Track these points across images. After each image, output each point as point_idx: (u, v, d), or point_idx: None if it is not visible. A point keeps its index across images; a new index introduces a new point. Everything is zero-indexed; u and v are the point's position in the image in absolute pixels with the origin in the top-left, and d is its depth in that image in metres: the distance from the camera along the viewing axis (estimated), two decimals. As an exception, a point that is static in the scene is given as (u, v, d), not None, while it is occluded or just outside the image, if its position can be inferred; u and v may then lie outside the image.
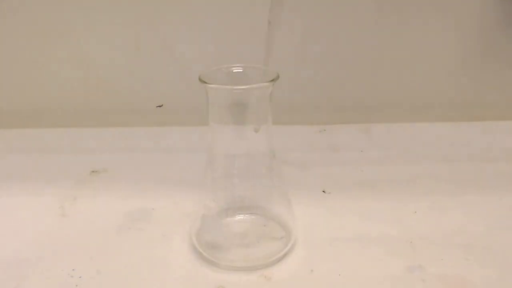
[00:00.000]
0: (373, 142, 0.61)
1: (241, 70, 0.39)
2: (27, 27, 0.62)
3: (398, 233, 0.43)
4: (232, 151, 0.39)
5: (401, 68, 0.62)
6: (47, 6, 0.60)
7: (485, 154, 0.57)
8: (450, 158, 0.56)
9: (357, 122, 0.63)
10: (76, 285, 0.37)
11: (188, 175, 0.51)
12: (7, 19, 0.62)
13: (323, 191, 0.50)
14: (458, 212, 0.46)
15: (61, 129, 0.66)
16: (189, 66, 0.61)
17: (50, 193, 0.51)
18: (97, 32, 0.62)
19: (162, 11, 0.60)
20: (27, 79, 0.65)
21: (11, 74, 0.65)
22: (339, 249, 0.41)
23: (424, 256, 0.39)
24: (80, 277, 0.38)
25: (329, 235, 0.43)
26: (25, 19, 0.61)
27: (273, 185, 0.41)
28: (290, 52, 0.60)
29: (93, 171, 0.55)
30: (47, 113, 0.66)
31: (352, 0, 0.58)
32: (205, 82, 0.36)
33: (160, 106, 0.65)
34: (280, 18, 0.38)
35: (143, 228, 0.44)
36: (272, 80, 0.36)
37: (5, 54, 0.64)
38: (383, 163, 0.56)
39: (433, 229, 0.43)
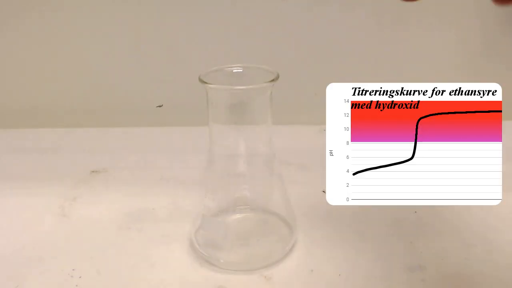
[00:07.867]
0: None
1: (241, 70, 0.39)
2: (27, 27, 0.62)
3: (398, 233, 0.43)
4: (232, 151, 0.39)
5: (401, 67, 0.62)
6: (47, 6, 0.60)
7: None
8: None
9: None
10: (76, 285, 0.37)
11: (188, 175, 0.51)
12: (7, 19, 0.62)
13: (323, 191, 0.50)
14: (458, 212, 0.46)
15: (61, 129, 0.66)
16: (189, 66, 0.61)
17: (50, 193, 0.51)
18: (97, 32, 0.62)
19: (162, 11, 0.60)
20: (27, 79, 0.65)
21: (11, 74, 0.65)
22: (339, 249, 0.41)
23: (424, 256, 0.39)
24: (80, 277, 0.38)
25: (329, 235, 0.43)
26: (25, 19, 0.61)
27: (273, 185, 0.41)
28: (290, 52, 0.60)
29: (93, 171, 0.55)
30: (47, 113, 0.66)
31: (353, 0, 0.58)
32: (205, 82, 0.36)
33: (160, 106, 0.65)
34: None
35: (143, 228, 0.44)
36: (272, 80, 0.36)
37: (5, 54, 0.64)
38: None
39: (433, 229, 0.43)
